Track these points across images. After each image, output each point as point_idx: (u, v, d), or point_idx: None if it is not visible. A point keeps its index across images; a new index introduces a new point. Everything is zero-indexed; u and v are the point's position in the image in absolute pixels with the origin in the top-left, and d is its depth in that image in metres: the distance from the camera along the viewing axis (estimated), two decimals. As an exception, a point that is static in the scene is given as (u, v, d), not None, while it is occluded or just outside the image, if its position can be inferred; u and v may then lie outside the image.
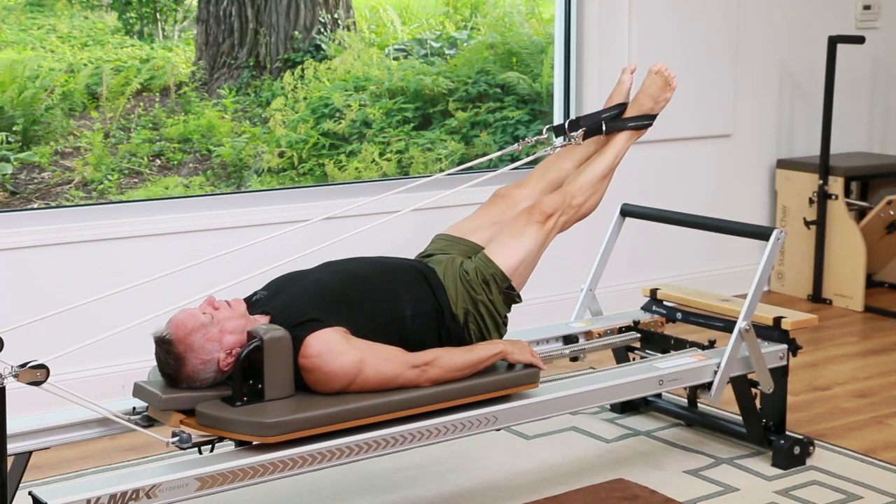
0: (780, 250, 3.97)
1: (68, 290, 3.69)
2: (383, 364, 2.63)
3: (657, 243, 4.91)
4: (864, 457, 3.40)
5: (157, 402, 2.55)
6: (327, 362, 2.56)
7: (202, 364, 2.54)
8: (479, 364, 2.77)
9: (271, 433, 2.47)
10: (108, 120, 3.97)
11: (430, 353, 2.72)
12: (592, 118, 3.21)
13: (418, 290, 2.81)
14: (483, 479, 3.23)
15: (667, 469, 3.30)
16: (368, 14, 4.51)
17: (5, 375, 2.19)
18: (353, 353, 2.59)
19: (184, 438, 2.50)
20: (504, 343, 2.84)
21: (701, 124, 5.10)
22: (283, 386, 2.56)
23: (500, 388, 2.80)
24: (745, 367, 3.26)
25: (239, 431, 2.49)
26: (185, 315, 2.56)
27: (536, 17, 4.82)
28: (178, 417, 2.55)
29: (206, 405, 2.53)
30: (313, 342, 2.56)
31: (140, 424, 2.63)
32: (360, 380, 2.60)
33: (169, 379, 2.58)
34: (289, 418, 2.49)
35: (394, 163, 4.49)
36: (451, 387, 2.72)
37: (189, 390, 2.56)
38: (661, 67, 3.24)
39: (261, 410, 2.51)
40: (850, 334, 4.76)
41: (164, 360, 2.56)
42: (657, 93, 3.22)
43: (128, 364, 3.81)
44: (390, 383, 2.64)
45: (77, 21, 3.95)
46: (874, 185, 5.37)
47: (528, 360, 2.85)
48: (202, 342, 2.53)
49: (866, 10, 5.57)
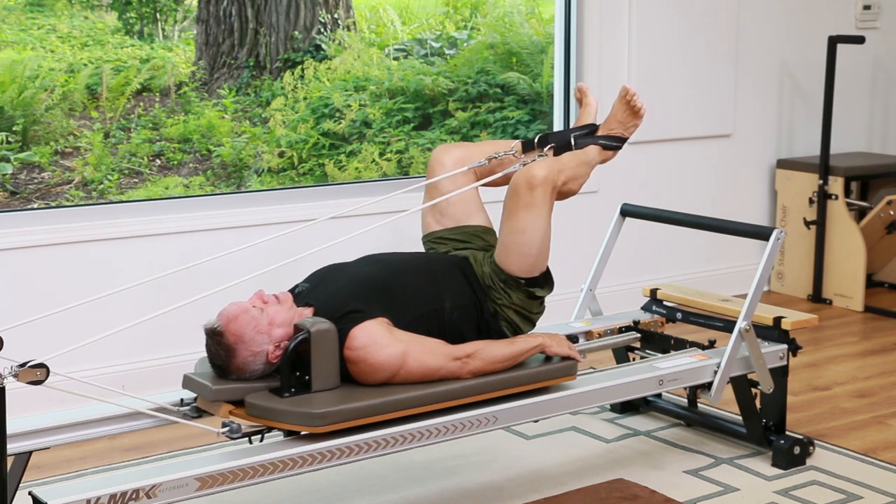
0: (780, 250, 3.97)
1: (68, 290, 3.69)
2: (426, 356, 2.69)
3: (657, 243, 4.91)
4: (864, 457, 3.40)
5: (207, 393, 2.61)
6: (372, 354, 2.62)
7: (252, 356, 2.59)
8: (519, 356, 2.83)
9: (320, 423, 2.54)
10: (108, 120, 3.97)
11: (471, 345, 2.78)
12: (561, 135, 3.14)
13: (457, 282, 2.86)
14: (483, 479, 3.23)
15: (667, 469, 3.30)
16: (368, 14, 4.51)
17: (5, 375, 2.19)
18: (397, 345, 2.65)
19: (233, 429, 2.57)
20: (542, 336, 2.90)
21: (701, 124, 5.10)
22: (329, 377, 2.62)
23: (539, 381, 2.87)
24: (745, 367, 3.26)
25: (288, 421, 2.55)
26: (235, 308, 2.62)
27: (536, 17, 4.82)
28: (227, 408, 2.61)
29: (255, 396, 2.59)
30: (358, 334, 2.62)
31: (188, 416, 2.70)
32: (403, 371, 2.66)
33: (219, 370, 2.63)
34: (336, 409, 2.55)
35: (394, 163, 4.49)
36: (491, 378, 2.78)
37: (238, 381, 2.61)
38: (630, 95, 3.14)
39: (308, 401, 2.57)
40: (850, 334, 4.76)
41: (214, 352, 2.61)
42: (625, 119, 3.16)
43: (127, 364, 3.82)
44: (432, 375, 2.70)
45: (77, 21, 3.95)
46: (874, 185, 5.37)
47: (566, 353, 2.91)
48: (252, 334, 2.58)
49: (866, 10, 5.57)
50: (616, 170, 4.72)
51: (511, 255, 2.84)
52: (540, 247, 2.85)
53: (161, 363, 3.87)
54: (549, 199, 2.85)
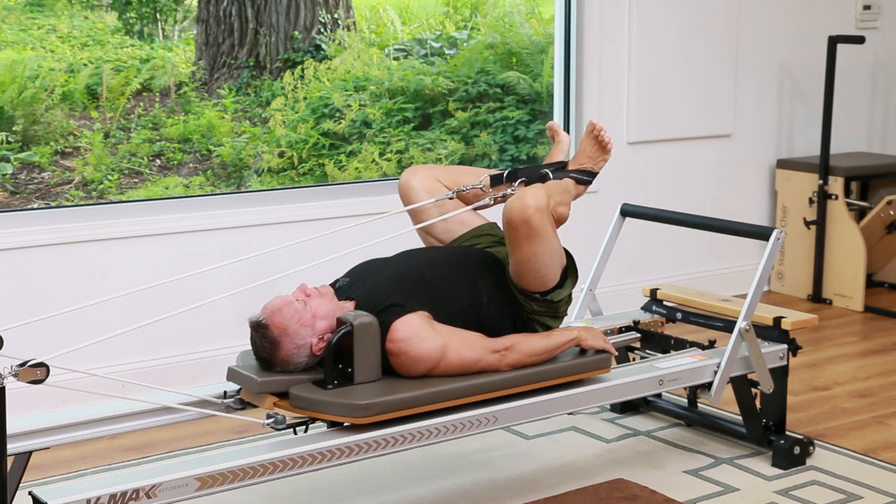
0: (780, 250, 3.97)
1: (68, 290, 3.69)
2: (465, 349, 2.73)
3: (657, 243, 4.91)
4: (864, 457, 3.40)
5: (253, 385, 2.64)
6: (413, 347, 2.67)
7: (296, 348, 2.63)
8: (556, 350, 2.88)
9: (363, 414, 2.58)
10: (108, 120, 3.97)
11: (509, 338, 2.82)
12: (532, 171, 3.11)
13: (494, 277, 2.90)
14: (483, 479, 3.23)
15: (667, 469, 3.30)
16: (368, 14, 4.51)
17: (5, 375, 2.19)
18: (438, 338, 2.69)
19: (278, 420, 2.61)
20: (578, 330, 2.96)
21: (701, 124, 5.10)
22: (371, 369, 2.67)
23: (575, 373, 2.93)
24: (745, 367, 3.26)
25: (332, 413, 2.59)
26: (279, 301, 2.65)
27: (536, 17, 4.82)
28: (272, 400, 2.65)
29: (298, 388, 2.63)
30: (400, 327, 2.66)
31: (232, 408, 2.74)
32: (443, 364, 2.70)
33: (263, 362, 2.67)
34: (379, 400, 2.60)
35: (394, 163, 4.49)
36: (528, 371, 2.84)
37: (283, 374, 2.65)
38: (597, 131, 3.14)
39: (351, 393, 2.62)
40: (850, 334, 4.76)
41: (259, 344, 2.65)
42: (594, 154, 3.18)
43: (127, 364, 3.82)
44: (471, 367, 2.75)
45: (77, 21, 3.94)
46: (874, 185, 5.37)
47: (601, 346, 2.97)
48: (297, 327, 2.63)
49: (866, 10, 5.57)
50: (616, 170, 4.72)
51: (525, 279, 2.87)
52: (550, 265, 2.86)
53: (161, 363, 3.87)
54: (547, 223, 2.78)
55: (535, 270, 2.83)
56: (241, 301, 3.12)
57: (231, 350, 3.76)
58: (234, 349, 3.43)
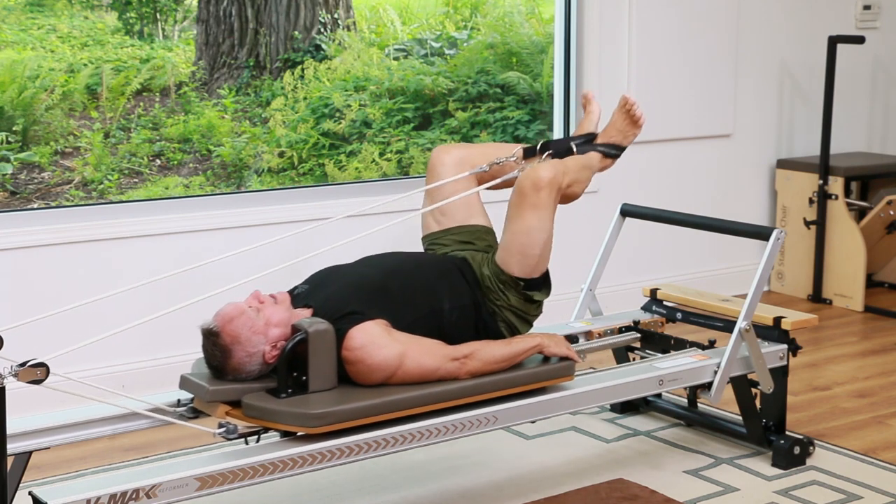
0: (780, 250, 3.97)
1: (68, 290, 3.69)
2: (424, 357, 2.69)
3: (657, 243, 4.91)
4: (864, 457, 3.40)
5: (204, 394, 2.61)
6: (370, 354, 2.62)
7: (248, 356, 2.59)
8: (517, 357, 2.83)
9: (316, 424, 2.53)
10: (108, 120, 3.97)
11: (468, 346, 2.78)
12: (561, 143, 3.15)
13: (456, 283, 2.87)
14: (483, 479, 3.23)
15: (667, 469, 3.30)
16: (368, 14, 4.51)
17: (5, 375, 2.19)
18: (395, 345, 2.65)
19: (230, 429, 2.56)
20: (541, 336, 2.90)
21: (701, 124, 5.10)
22: (326, 378, 2.62)
23: (537, 381, 2.87)
24: (745, 367, 3.26)
25: (285, 422, 2.55)
26: (231, 308, 2.61)
27: (536, 17, 4.82)
28: (224, 409, 2.61)
29: (251, 397, 2.58)
30: (356, 335, 2.62)
31: (185, 417, 2.69)
32: (401, 372, 2.66)
33: (215, 371, 2.63)
34: (333, 409, 2.55)
35: (394, 163, 4.49)
36: (488, 379, 2.78)
37: (235, 382, 2.61)
38: (630, 104, 3.17)
39: (305, 402, 2.57)
40: (850, 334, 4.76)
41: (210, 352, 2.61)
42: (625, 128, 3.19)
43: (127, 364, 3.82)
44: (430, 375, 2.70)
45: (77, 21, 3.95)
46: (874, 185, 5.37)
47: (564, 353, 2.91)
48: (248, 335, 2.58)
49: (866, 10, 5.57)
50: (616, 170, 4.70)
51: (514, 256, 2.85)
52: (542, 248, 2.86)
53: (161, 363, 3.87)
54: (553, 201, 2.87)
55: (527, 246, 2.83)
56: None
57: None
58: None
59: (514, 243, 2.85)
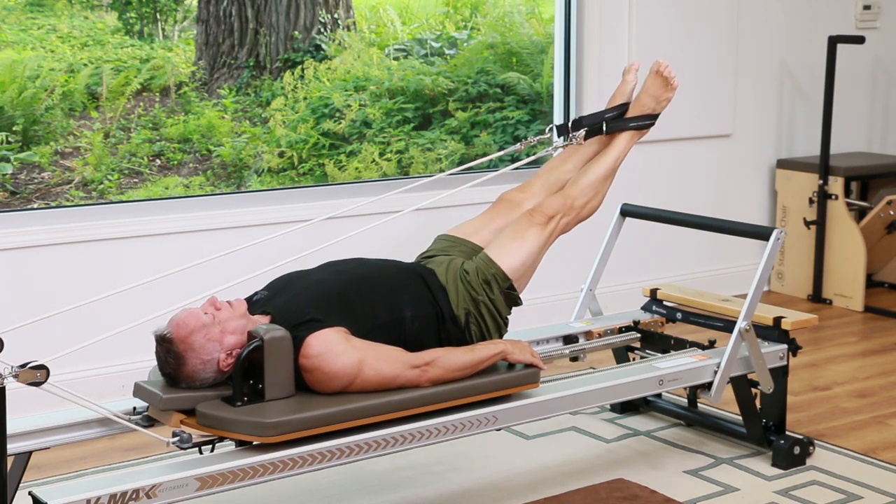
0: (780, 250, 3.97)
1: (68, 290, 3.69)
2: (383, 364, 2.63)
3: (657, 243, 4.91)
4: (864, 457, 3.40)
5: (157, 402, 2.55)
6: (328, 362, 2.56)
7: (202, 364, 2.54)
8: (480, 364, 2.77)
9: (272, 433, 2.47)
10: (108, 120, 3.97)
11: (430, 353, 2.72)
12: (595, 118, 3.24)
13: (418, 291, 2.81)
14: (483, 479, 3.23)
15: (667, 469, 3.30)
16: (368, 14, 4.51)
17: (5, 376, 2.19)
18: (354, 353, 2.59)
19: (184, 438, 2.50)
20: (504, 343, 2.84)
21: (701, 124, 5.10)
22: (283, 386, 2.56)
23: (501, 388, 2.81)
24: (745, 367, 3.26)
25: (239, 431, 2.49)
26: (186, 314, 2.56)
27: (536, 17, 4.82)
28: (178, 417, 2.55)
29: (206, 405, 2.53)
30: (314, 342, 2.56)
31: (141, 424, 2.63)
32: (360, 380, 2.60)
33: (169, 378, 2.58)
34: (289, 418, 2.49)
35: (394, 163, 4.49)
36: (451, 387, 2.72)
37: (189, 390, 2.56)
38: (662, 67, 3.25)
39: (261, 410, 2.51)
40: (850, 334, 4.76)
41: (164, 359, 2.57)
42: (658, 93, 3.24)
43: (127, 364, 3.81)
44: (390, 383, 2.64)
45: (77, 21, 3.94)
46: (874, 185, 5.37)
47: (529, 360, 2.85)
48: (203, 342, 2.53)
49: (866, 10, 5.57)
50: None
51: (506, 250, 2.89)
52: (530, 259, 2.92)
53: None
54: (551, 233, 3.00)
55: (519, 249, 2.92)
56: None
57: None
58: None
59: (505, 241, 2.93)
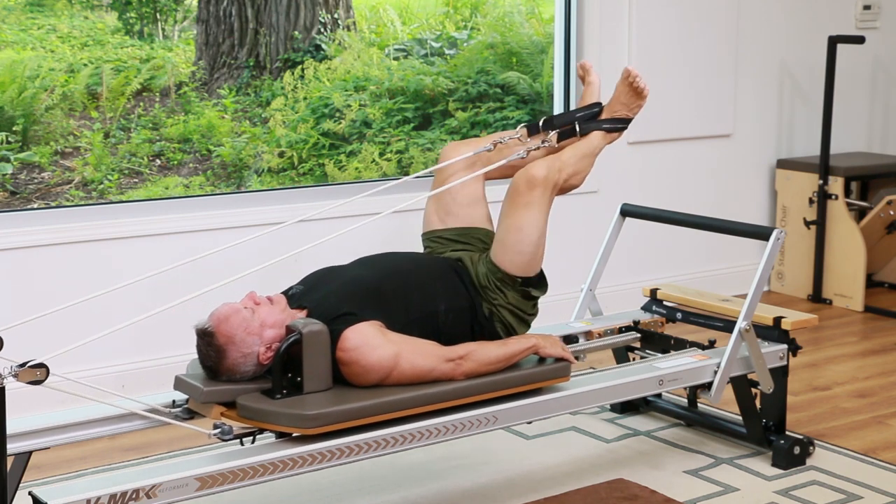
0: (780, 250, 3.97)
1: (68, 290, 3.69)
2: (418, 357, 2.68)
3: (657, 243, 4.91)
4: (864, 457, 3.40)
5: (198, 395, 2.60)
6: (364, 355, 2.61)
7: (242, 357, 2.59)
8: (512, 358, 2.83)
9: (311, 425, 2.52)
10: (108, 120, 3.97)
11: (464, 346, 2.77)
12: (566, 117, 3.14)
13: (451, 285, 2.86)
14: (483, 479, 3.23)
15: (667, 469, 3.30)
16: (368, 14, 4.51)
17: (5, 375, 2.19)
18: (390, 346, 2.64)
19: (225, 430, 2.56)
20: (536, 337, 2.89)
21: (701, 124, 5.10)
22: (321, 379, 2.62)
23: (532, 382, 2.86)
24: (745, 367, 3.26)
25: (280, 423, 2.54)
26: (226, 309, 2.61)
27: (536, 17, 4.82)
28: (219, 410, 2.60)
29: (246, 397, 2.58)
30: (351, 336, 2.61)
31: (180, 417, 2.68)
32: (396, 373, 2.65)
33: (209, 371, 2.63)
34: (328, 410, 2.54)
35: (394, 163, 4.49)
36: (484, 380, 2.77)
37: (229, 383, 2.61)
38: (633, 77, 3.12)
39: (300, 403, 2.56)
40: (850, 334, 4.76)
41: (205, 353, 2.61)
42: (629, 100, 3.15)
43: (127, 364, 3.82)
44: (425, 376, 2.70)
45: (77, 21, 3.94)
46: (874, 185, 5.37)
47: (560, 355, 2.90)
48: (243, 335, 2.58)
49: (866, 10, 5.57)
50: (616, 170, 4.73)
51: (507, 253, 2.85)
52: (536, 245, 2.86)
53: (161, 363, 3.87)
54: (547, 200, 2.88)
55: (520, 244, 2.83)
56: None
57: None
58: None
59: (507, 240, 2.86)
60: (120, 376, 3.74)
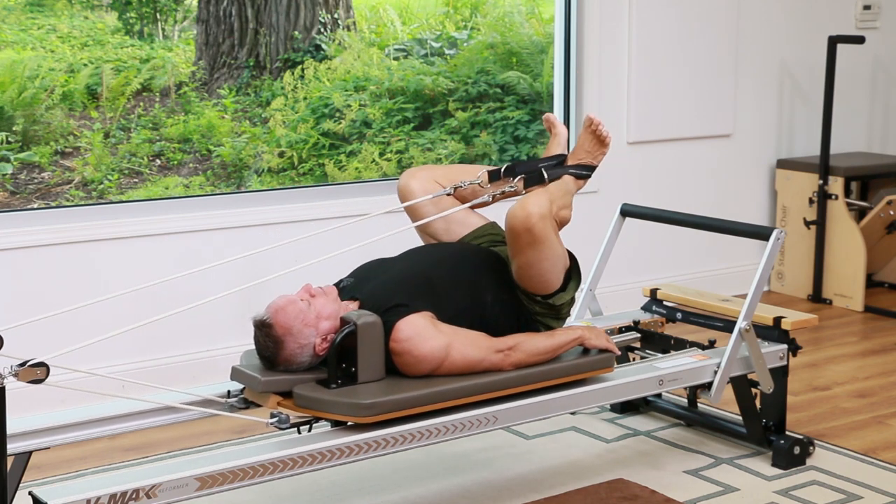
0: (780, 250, 3.97)
1: (68, 290, 3.69)
2: (469, 348, 2.74)
3: (657, 243, 4.91)
4: (864, 457, 3.40)
5: (256, 385, 2.65)
6: (417, 346, 2.67)
7: (299, 348, 2.64)
8: (559, 349, 2.89)
9: (367, 413, 2.59)
10: (108, 120, 3.97)
11: (512, 338, 2.82)
12: (529, 165, 3.08)
13: (498, 275, 2.90)
14: (483, 479, 3.23)
15: (667, 469, 3.30)
16: (368, 14, 4.51)
17: (5, 375, 2.19)
18: (441, 337, 2.70)
19: (282, 419, 2.61)
20: (582, 329, 2.97)
21: (701, 124, 5.10)
22: (375, 369, 2.68)
23: (578, 372, 2.93)
24: (745, 367, 3.26)
25: (336, 412, 2.60)
26: (284, 301, 2.66)
27: (536, 17, 4.82)
28: (275, 399, 2.65)
29: (302, 387, 2.64)
30: (403, 327, 2.67)
31: (236, 408, 2.74)
32: (447, 363, 2.71)
33: (267, 362, 2.68)
34: (383, 399, 2.61)
35: (394, 163, 4.49)
36: (532, 371, 2.84)
37: (286, 373, 2.67)
38: (595, 124, 3.08)
39: (355, 392, 2.62)
40: (850, 334, 4.76)
41: (263, 343, 2.66)
42: (592, 148, 3.11)
43: (127, 364, 3.82)
44: (475, 367, 2.76)
45: (77, 21, 3.94)
46: (874, 185, 5.37)
47: (604, 346, 2.98)
48: (300, 327, 2.64)
49: (866, 10, 5.57)
50: (616, 170, 4.72)
51: (527, 283, 2.88)
52: (552, 270, 2.87)
53: (161, 363, 3.87)
54: (550, 230, 2.80)
55: (538, 275, 2.85)
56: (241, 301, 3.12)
57: (231, 350, 3.77)
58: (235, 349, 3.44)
59: (523, 275, 2.86)
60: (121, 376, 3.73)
